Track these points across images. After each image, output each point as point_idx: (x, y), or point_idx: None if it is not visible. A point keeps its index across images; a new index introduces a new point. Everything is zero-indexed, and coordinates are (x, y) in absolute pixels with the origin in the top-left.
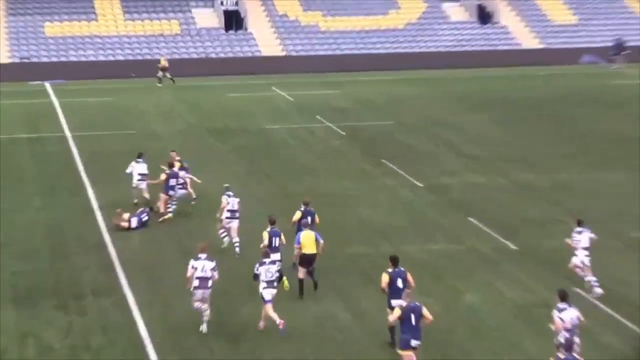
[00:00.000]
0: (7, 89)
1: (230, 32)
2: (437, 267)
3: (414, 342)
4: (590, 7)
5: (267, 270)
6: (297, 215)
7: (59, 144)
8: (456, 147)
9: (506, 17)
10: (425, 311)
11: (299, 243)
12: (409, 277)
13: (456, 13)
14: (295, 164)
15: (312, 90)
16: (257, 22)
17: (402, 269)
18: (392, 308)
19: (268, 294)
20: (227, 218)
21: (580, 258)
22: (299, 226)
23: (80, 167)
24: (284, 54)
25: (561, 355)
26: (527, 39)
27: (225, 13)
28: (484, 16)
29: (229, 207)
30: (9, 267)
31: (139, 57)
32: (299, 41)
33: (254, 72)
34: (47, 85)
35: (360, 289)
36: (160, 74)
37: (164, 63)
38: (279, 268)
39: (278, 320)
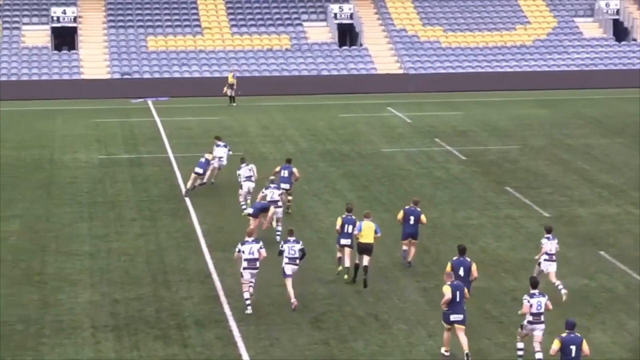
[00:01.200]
0: (107, 107)
1: (344, 47)
2: (563, 303)
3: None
4: None
5: (291, 248)
6: (400, 214)
7: (161, 166)
8: (587, 175)
9: None
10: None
11: (360, 230)
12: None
13: (590, 29)
14: (412, 190)
15: (431, 111)
16: (373, 37)
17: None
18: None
19: (289, 269)
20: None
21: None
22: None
23: (184, 190)
24: (401, 71)
25: (520, 340)
26: None
27: (339, 27)
28: (621, 32)
29: (270, 198)
30: (108, 295)
31: (247, 74)
32: (417, 58)
33: (369, 90)
34: (149, 102)
35: (480, 327)
36: (228, 91)
37: (232, 80)
38: (301, 247)
39: (292, 299)
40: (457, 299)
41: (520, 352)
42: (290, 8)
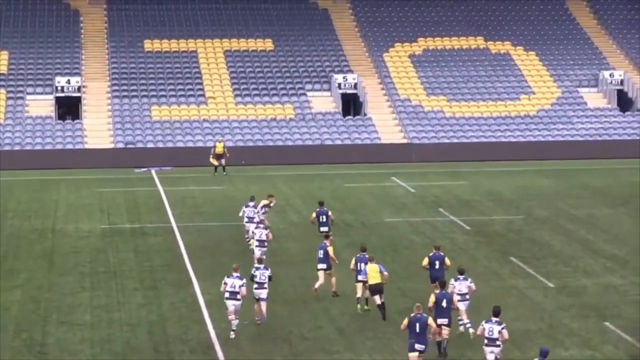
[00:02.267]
0: (111, 176)
1: (348, 117)
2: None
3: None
4: None
5: (262, 275)
6: (425, 261)
7: (164, 235)
8: (591, 245)
9: None
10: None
11: (365, 274)
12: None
13: (594, 99)
14: (417, 261)
15: (435, 181)
16: (377, 107)
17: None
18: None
19: (258, 293)
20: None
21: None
22: None
23: (187, 260)
24: (405, 141)
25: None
26: None
27: (343, 97)
28: (625, 103)
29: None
30: None
31: (250, 143)
32: (421, 128)
33: (373, 160)
34: (153, 172)
35: None
36: (214, 161)
37: (220, 150)
38: (270, 274)
39: (258, 316)
40: (418, 330)
41: None
42: (295, 78)
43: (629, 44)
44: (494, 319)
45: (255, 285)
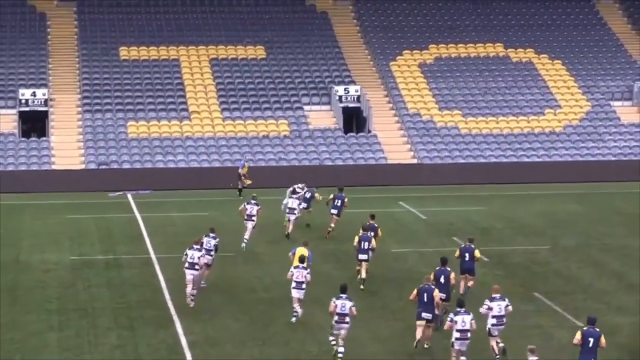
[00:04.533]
0: (81, 201)
1: (350, 134)
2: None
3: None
4: None
5: (207, 242)
6: (457, 252)
7: (141, 267)
8: (626, 279)
9: None
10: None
11: (293, 254)
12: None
13: (628, 114)
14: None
15: (448, 206)
16: (382, 123)
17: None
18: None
19: (205, 259)
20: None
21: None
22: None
23: (167, 296)
24: (415, 161)
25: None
26: None
27: (344, 111)
28: None
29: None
30: None
31: (239, 164)
32: (433, 146)
33: (378, 183)
34: (129, 196)
35: None
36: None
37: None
38: (216, 243)
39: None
40: (425, 300)
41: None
42: (290, 90)
43: None
44: (343, 296)
45: (204, 252)
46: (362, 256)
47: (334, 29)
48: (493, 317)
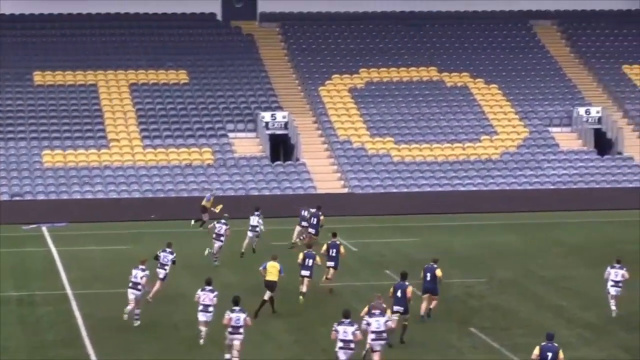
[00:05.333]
0: None
1: (277, 162)
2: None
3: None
4: None
5: (164, 257)
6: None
7: (57, 304)
8: (566, 312)
9: (632, 146)
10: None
11: (264, 268)
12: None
13: (567, 140)
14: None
15: (381, 238)
16: (311, 151)
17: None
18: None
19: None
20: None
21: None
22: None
23: (85, 336)
24: (345, 190)
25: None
26: None
27: (271, 138)
28: (603, 144)
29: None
30: None
31: (161, 194)
32: (364, 175)
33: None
34: (44, 229)
35: None
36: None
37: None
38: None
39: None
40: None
41: None
42: (214, 116)
43: (608, 76)
44: (236, 308)
45: (159, 266)
46: (304, 272)
47: (260, 52)
48: (372, 332)
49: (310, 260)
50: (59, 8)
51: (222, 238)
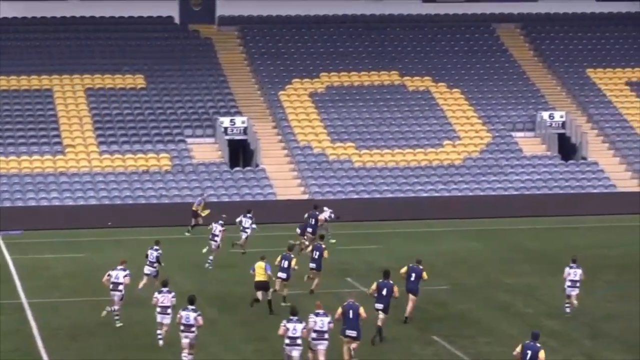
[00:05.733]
0: None
1: (237, 168)
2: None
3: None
4: None
5: (151, 254)
6: (404, 269)
7: (12, 314)
8: (530, 320)
9: (596, 151)
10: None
11: (253, 270)
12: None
13: (531, 145)
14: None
15: (342, 245)
16: (271, 156)
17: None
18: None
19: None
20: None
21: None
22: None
23: (40, 345)
24: (306, 197)
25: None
26: (623, 180)
27: (230, 144)
28: (567, 149)
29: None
30: None
31: (118, 201)
32: (325, 181)
33: (267, 220)
34: None
35: None
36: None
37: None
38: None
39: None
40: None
41: None
42: (172, 121)
43: (572, 80)
44: (189, 307)
45: (147, 263)
46: (280, 274)
47: (218, 56)
48: (314, 331)
49: (286, 262)
50: (12, 12)
51: (216, 238)
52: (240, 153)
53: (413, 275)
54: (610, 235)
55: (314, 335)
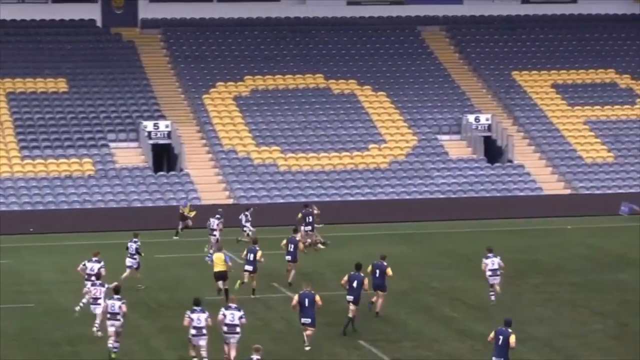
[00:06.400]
0: None
1: (161, 173)
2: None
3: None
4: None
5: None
6: (369, 268)
7: None
8: (457, 324)
9: (522, 154)
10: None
11: (211, 261)
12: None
13: (457, 148)
14: (245, 345)
15: (267, 250)
16: (196, 160)
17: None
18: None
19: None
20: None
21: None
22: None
23: None
24: (231, 201)
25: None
26: (550, 182)
27: (153, 148)
28: (494, 152)
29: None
30: None
31: (40, 206)
32: (250, 185)
33: (192, 225)
34: None
35: None
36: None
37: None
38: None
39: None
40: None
41: None
42: (94, 126)
43: (497, 83)
44: (115, 296)
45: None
46: (247, 267)
47: (141, 59)
48: (225, 324)
49: (252, 255)
50: None
51: (215, 232)
52: (164, 157)
53: (377, 271)
54: (537, 238)
55: (225, 328)
